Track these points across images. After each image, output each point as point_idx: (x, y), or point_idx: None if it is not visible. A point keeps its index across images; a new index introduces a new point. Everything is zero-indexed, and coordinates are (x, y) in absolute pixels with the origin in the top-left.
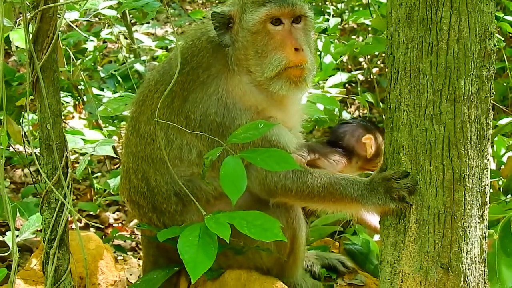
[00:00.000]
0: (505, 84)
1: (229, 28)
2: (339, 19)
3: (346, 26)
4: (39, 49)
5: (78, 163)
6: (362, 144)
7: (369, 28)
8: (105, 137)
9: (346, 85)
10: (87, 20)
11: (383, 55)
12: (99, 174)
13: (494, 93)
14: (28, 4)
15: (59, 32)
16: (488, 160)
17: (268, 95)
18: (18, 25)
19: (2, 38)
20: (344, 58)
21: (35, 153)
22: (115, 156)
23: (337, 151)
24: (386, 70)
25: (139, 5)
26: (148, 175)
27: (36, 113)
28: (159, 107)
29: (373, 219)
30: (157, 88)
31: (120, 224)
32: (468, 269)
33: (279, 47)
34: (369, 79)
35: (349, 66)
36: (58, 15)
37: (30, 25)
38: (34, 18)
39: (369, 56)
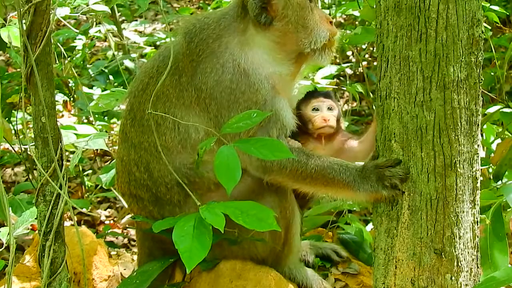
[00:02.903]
0: (492, 73)
1: (263, 7)
2: (327, 11)
3: (334, 20)
4: (33, 42)
5: (69, 161)
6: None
7: (357, 22)
8: (97, 131)
9: (335, 79)
10: (75, 19)
11: (371, 48)
12: (90, 171)
13: (483, 79)
14: None
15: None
16: (478, 145)
17: (282, 74)
18: (8, 22)
19: None
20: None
21: (29, 147)
22: (107, 149)
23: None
24: (374, 63)
25: None
26: (151, 166)
27: (25, 111)
28: (167, 85)
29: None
30: (159, 72)
31: (112, 221)
32: (461, 254)
33: (320, 21)
34: (357, 73)
35: (337, 60)
36: (51, 9)
37: (23, 18)
38: (28, 11)
39: (357, 49)
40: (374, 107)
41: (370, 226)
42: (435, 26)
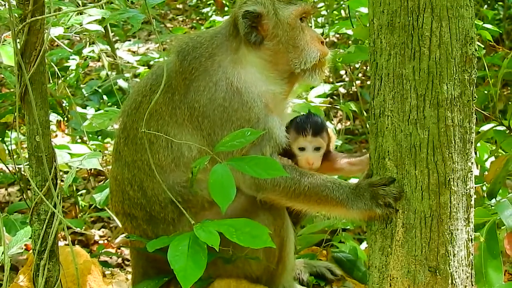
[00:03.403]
0: (486, 92)
1: (253, 26)
2: (320, 30)
3: (327, 39)
4: (27, 61)
5: (62, 181)
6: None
7: (350, 41)
8: (91, 151)
9: (329, 98)
10: (69, 39)
11: (364, 67)
12: (83, 191)
13: (476, 97)
14: (16, 16)
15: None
16: (472, 163)
17: (275, 93)
18: (2, 42)
19: None
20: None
21: (23, 167)
22: (101, 169)
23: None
24: (368, 82)
25: (123, 17)
26: (145, 185)
27: (18, 131)
28: (160, 103)
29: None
30: (152, 90)
31: (106, 241)
32: (456, 271)
33: (311, 41)
34: (351, 92)
35: (331, 79)
36: (45, 28)
37: (17, 37)
38: (22, 31)
39: (351, 68)
40: (368, 125)
41: (364, 245)
42: (429, 44)
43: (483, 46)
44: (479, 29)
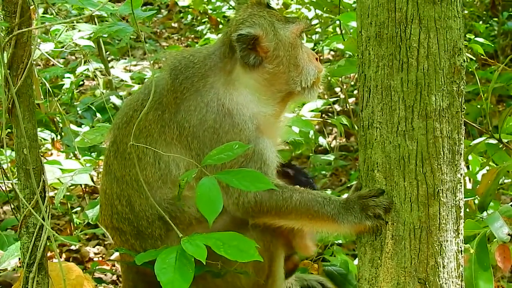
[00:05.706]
0: (479, 106)
1: (250, 48)
2: (311, 45)
3: (322, 57)
4: (14, 74)
5: (54, 197)
6: None
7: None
8: (83, 166)
9: (324, 115)
10: (64, 58)
11: (358, 83)
12: (78, 208)
13: (465, 108)
14: (3, 28)
15: (35, 67)
16: (461, 174)
17: (266, 115)
18: None
19: None
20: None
21: (12, 182)
22: (92, 184)
23: None
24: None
25: (111, 31)
26: (133, 200)
27: (5, 144)
28: (150, 120)
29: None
30: (144, 106)
31: (100, 258)
32: (445, 283)
33: (308, 58)
34: (346, 109)
35: (325, 96)
36: (32, 41)
37: (4, 50)
38: (9, 43)
39: (345, 85)
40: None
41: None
42: (416, 55)
43: (474, 59)
44: (471, 43)
